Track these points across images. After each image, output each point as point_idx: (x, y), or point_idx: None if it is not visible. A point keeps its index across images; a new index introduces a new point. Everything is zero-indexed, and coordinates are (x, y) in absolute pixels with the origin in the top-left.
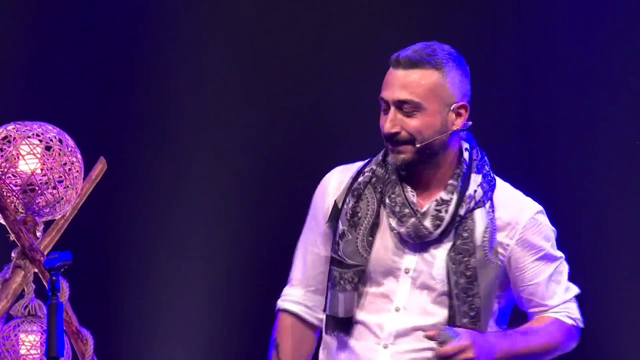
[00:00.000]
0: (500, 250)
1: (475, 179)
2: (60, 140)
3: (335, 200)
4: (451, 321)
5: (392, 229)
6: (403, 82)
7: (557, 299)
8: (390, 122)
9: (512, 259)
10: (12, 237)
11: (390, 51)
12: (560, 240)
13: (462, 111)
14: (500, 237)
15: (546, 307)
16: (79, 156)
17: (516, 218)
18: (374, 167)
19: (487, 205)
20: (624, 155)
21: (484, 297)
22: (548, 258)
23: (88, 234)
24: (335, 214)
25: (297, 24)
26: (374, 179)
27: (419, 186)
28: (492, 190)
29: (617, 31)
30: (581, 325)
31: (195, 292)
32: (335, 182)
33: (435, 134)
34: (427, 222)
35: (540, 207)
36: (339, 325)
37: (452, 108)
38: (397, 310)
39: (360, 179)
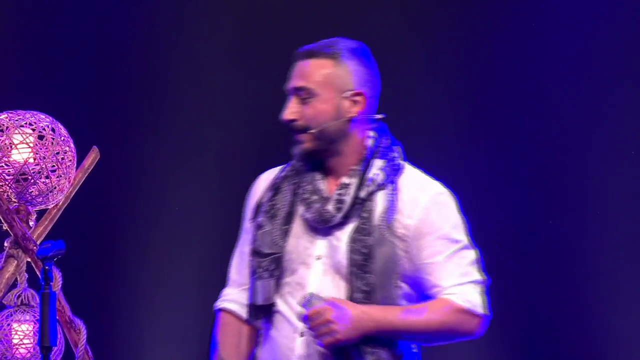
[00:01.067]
0: (402, 231)
1: (378, 164)
2: (53, 130)
3: (258, 198)
4: (347, 296)
5: (302, 216)
6: (300, 71)
7: (452, 280)
8: (288, 110)
9: (413, 238)
10: (5, 226)
11: (387, 51)
12: (561, 240)
13: (359, 99)
14: (402, 217)
15: (440, 288)
16: (72, 145)
17: (417, 198)
18: (295, 163)
19: (390, 188)
20: (621, 159)
21: (379, 275)
22: (448, 239)
23: (81, 223)
24: (256, 210)
25: (293, 20)
26: (292, 172)
27: (328, 174)
28: (397, 175)
29: (614, 35)
30: (481, 311)
31: (189, 282)
32: (262, 183)
33: (329, 120)
34: (330, 206)
35: (444, 190)
36: (258, 313)
37: (346, 95)
38: None
39: (281, 174)
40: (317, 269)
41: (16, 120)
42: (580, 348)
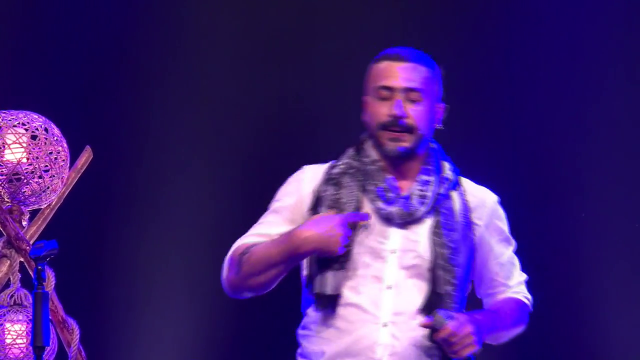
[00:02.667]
0: (475, 231)
1: (445, 165)
2: (46, 129)
3: (313, 190)
4: (433, 290)
5: (378, 210)
6: (410, 73)
7: (515, 279)
8: (398, 107)
9: (480, 239)
10: None
11: (375, 49)
12: (556, 241)
13: (442, 109)
14: (474, 218)
15: (507, 287)
16: (65, 145)
17: (483, 202)
18: (348, 161)
19: (458, 189)
20: (617, 159)
21: (463, 268)
22: (507, 241)
23: (74, 223)
24: (316, 202)
25: (292, 20)
26: (351, 170)
27: (396, 176)
28: (458, 176)
29: (610, 36)
30: (531, 308)
31: (182, 282)
32: (309, 174)
33: (430, 125)
34: (414, 201)
35: (497, 197)
36: (327, 302)
37: (437, 105)
38: (389, 288)
39: (336, 170)
40: (393, 262)
41: (9, 120)
42: (577, 347)
